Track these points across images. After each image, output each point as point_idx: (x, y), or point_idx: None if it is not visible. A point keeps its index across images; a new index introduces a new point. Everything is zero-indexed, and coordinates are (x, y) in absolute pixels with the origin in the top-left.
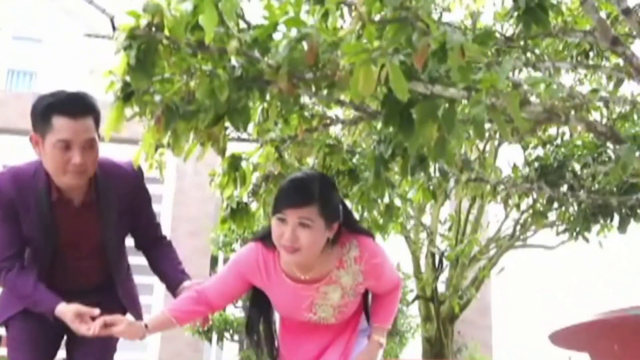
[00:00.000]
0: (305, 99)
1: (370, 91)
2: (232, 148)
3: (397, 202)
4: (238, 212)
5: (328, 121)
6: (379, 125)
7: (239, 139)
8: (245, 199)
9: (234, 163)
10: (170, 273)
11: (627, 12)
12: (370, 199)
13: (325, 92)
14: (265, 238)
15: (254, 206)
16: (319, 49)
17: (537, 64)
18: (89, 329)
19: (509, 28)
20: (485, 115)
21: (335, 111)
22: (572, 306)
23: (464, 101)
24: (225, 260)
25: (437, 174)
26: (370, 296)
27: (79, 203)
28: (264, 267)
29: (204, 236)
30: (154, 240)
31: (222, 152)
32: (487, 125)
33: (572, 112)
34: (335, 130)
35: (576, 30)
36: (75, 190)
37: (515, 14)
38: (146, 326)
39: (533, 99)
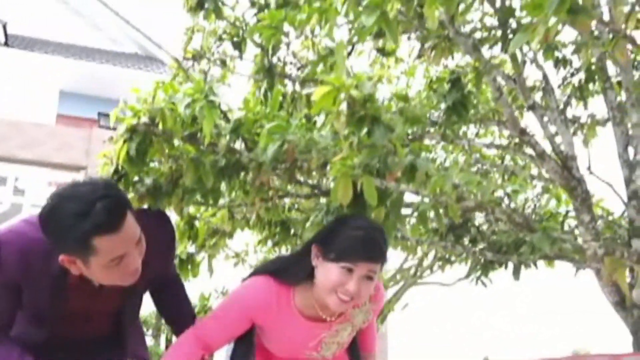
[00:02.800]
0: None
1: (348, 199)
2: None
3: None
4: (185, 262)
5: (282, 193)
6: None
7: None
8: (190, 250)
9: (190, 222)
10: (178, 319)
11: (532, 107)
12: None
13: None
14: (279, 273)
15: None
16: (297, 149)
17: (455, 140)
18: None
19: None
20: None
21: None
22: (462, 337)
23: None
24: None
25: None
26: None
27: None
28: (276, 304)
29: None
30: (167, 283)
31: (180, 213)
32: None
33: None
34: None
35: (492, 120)
36: None
37: (443, 106)
38: None
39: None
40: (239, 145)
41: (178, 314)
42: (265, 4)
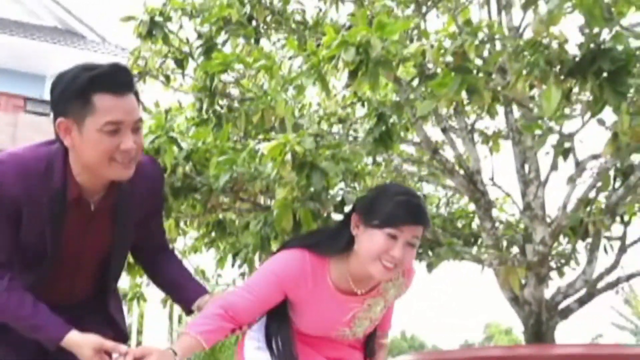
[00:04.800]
0: None
1: (290, 227)
2: None
3: None
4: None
5: (226, 207)
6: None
7: None
8: None
9: None
10: (187, 285)
11: (444, 130)
12: (251, 259)
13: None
14: (314, 246)
15: None
16: (244, 177)
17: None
18: None
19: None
20: None
21: None
22: None
23: None
24: None
25: None
26: None
27: (96, 206)
28: (311, 277)
29: None
30: (161, 249)
31: None
32: None
33: None
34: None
35: (410, 141)
36: (97, 190)
37: (369, 139)
38: (175, 353)
39: None
40: (188, 168)
41: (185, 280)
42: (211, 36)
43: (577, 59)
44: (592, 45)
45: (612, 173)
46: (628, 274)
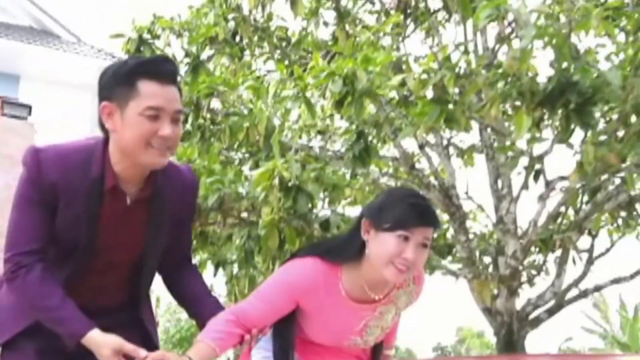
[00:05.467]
0: None
1: (276, 245)
2: None
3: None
4: None
5: (212, 221)
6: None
7: None
8: None
9: None
10: (204, 301)
11: (421, 146)
12: (234, 275)
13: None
14: (327, 254)
15: None
16: (230, 197)
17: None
18: None
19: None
20: None
21: None
22: None
23: None
24: None
25: None
26: None
27: (132, 199)
28: (323, 287)
29: None
30: (184, 261)
31: None
32: None
33: None
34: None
35: (388, 157)
36: (134, 181)
37: (349, 155)
38: None
39: None
40: None
41: (204, 296)
42: (197, 54)
43: (547, 90)
44: (561, 79)
45: (580, 191)
46: (595, 285)
